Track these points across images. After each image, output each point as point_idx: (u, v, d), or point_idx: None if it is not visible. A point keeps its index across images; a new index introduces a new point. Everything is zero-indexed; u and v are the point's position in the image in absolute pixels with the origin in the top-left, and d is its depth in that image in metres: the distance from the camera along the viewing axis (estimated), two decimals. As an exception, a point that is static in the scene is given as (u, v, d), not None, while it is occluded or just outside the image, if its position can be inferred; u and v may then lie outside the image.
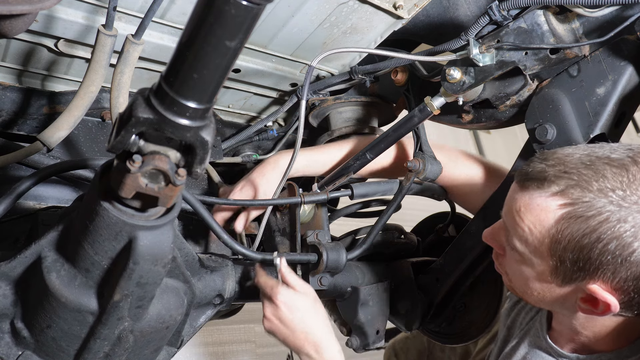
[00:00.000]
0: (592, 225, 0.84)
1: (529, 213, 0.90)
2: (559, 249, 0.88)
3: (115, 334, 0.82)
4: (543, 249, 0.90)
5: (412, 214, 1.93)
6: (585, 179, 0.85)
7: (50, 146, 1.15)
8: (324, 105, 1.58)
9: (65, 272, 0.79)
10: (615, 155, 0.87)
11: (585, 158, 0.88)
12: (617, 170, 0.85)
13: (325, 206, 1.41)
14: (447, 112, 1.40)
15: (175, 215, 0.76)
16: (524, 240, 0.93)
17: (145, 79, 1.43)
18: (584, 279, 0.88)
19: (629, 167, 0.85)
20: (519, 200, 0.93)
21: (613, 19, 1.05)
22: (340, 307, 1.45)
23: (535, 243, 0.91)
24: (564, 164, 0.89)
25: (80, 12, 1.15)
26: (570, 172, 0.87)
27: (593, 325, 0.99)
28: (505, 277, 1.05)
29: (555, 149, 0.95)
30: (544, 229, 0.89)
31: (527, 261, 0.95)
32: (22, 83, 1.36)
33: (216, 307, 1.17)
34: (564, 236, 0.86)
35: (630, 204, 0.83)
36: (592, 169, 0.86)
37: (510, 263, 1.00)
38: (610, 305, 0.87)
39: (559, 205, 0.87)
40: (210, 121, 0.61)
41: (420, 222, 1.78)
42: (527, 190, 0.91)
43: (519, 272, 0.98)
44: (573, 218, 0.85)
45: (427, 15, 1.37)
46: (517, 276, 0.99)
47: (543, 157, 0.93)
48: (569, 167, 0.88)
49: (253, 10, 0.51)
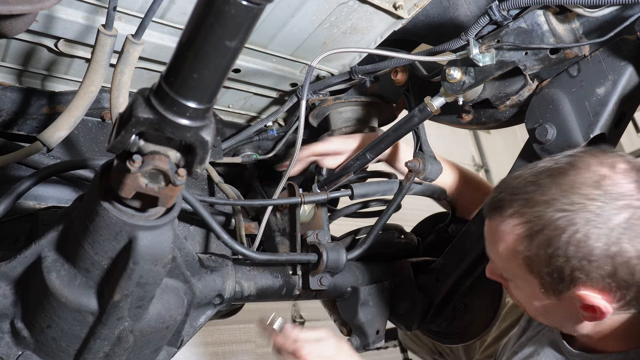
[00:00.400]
0: (547, 236, 0.88)
1: (498, 240, 0.95)
2: (533, 266, 0.91)
3: (115, 334, 0.82)
4: (521, 270, 0.94)
5: (412, 214, 1.93)
6: (531, 195, 0.91)
7: (50, 146, 1.15)
8: (324, 105, 1.58)
9: (65, 272, 0.79)
10: (557, 165, 0.92)
11: (531, 176, 0.94)
12: (559, 179, 0.90)
13: (325, 206, 1.41)
14: (447, 112, 1.40)
15: (175, 215, 0.75)
16: (506, 268, 0.97)
17: (145, 79, 1.43)
18: (569, 288, 0.90)
19: (568, 173, 0.89)
20: (488, 231, 0.99)
21: (613, 19, 1.05)
22: (340, 307, 1.45)
23: (513, 266, 0.95)
24: (512, 187, 0.95)
25: (80, 12, 1.15)
26: (518, 192, 0.93)
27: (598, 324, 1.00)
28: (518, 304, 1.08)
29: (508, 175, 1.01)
30: (514, 251, 0.93)
31: (518, 284, 0.98)
32: (22, 83, 1.36)
33: (216, 307, 1.17)
34: (532, 253, 0.90)
35: (575, 208, 0.86)
36: (535, 184, 0.91)
37: (514, 292, 1.03)
38: (601, 307, 0.89)
39: (516, 226, 0.92)
40: (210, 121, 0.61)
41: (420, 222, 1.78)
42: (491, 220, 0.98)
43: (523, 299, 1.01)
44: (531, 235, 0.90)
45: (427, 15, 1.37)
46: (523, 300, 1.02)
47: (498, 186, 0.99)
48: (517, 188, 0.94)
49: (253, 10, 0.51)
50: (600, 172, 0.89)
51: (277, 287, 1.27)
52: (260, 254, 1.20)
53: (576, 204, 0.86)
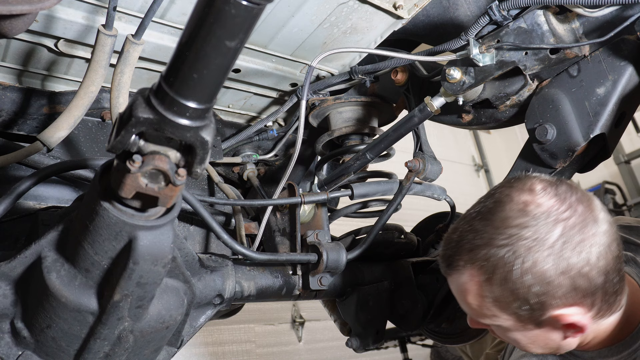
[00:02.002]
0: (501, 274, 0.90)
1: (464, 293, 0.98)
2: (503, 304, 0.93)
3: (115, 334, 0.82)
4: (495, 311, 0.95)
5: (412, 214, 1.93)
6: (472, 242, 0.94)
7: (50, 146, 1.15)
8: (324, 105, 1.58)
9: (65, 272, 0.79)
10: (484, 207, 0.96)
11: (465, 225, 0.97)
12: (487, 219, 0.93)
13: (325, 206, 1.41)
14: (447, 112, 1.40)
15: (175, 215, 0.75)
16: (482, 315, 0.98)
17: (145, 79, 1.43)
18: (544, 313, 0.92)
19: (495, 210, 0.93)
20: (452, 288, 1.02)
21: (613, 19, 1.05)
22: (340, 307, 1.45)
23: (486, 311, 0.97)
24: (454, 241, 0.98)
25: (80, 12, 1.15)
26: (461, 244, 0.96)
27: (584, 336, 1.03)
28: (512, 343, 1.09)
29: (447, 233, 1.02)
30: (481, 297, 0.95)
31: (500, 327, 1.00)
32: (22, 83, 1.36)
33: (216, 307, 1.17)
34: (496, 294, 0.92)
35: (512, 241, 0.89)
36: (472, 231, 0.95)
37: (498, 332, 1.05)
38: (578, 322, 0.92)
39: (472, 274, 0.94)
40: (210, 121, 0.61)
41: (420, 222, 1.78)
42: (450, 277, 1.00)
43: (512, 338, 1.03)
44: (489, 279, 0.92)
45: (427, 15, 1.37)
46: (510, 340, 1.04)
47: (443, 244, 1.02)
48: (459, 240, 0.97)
49: (253, 10, 0.51)
50: (521, 199, 0.92)
51: (277, 287, 1.27)
52: (260, 254, 1.20)
53: (513, 236, 0.89)
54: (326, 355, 3.44)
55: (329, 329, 3.41)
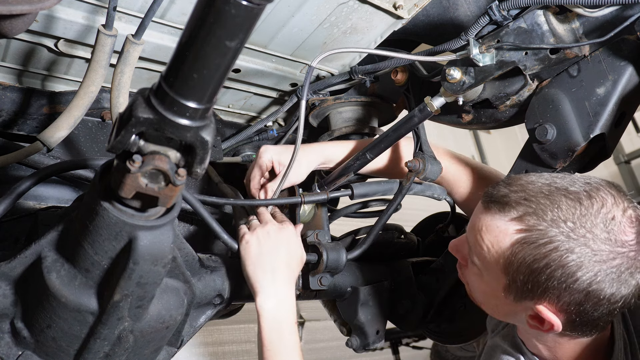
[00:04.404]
0: (542, 252, 0.90)
1: (489, 233, 0.96)
2: (512, 270, 0.93)
3: (115, 334, 0.82)
4: (498, 268, 0.96)
5: (412, 214, 1.93)
6: (542, 207, 0.92)
7: (50, 146, 1.15)
8: (324, 105, 1.58)
9: (65, 272, 0.79)
10: (574, 187, 0.94)
11: (546, 188, 0.94)
12: (572, 203, 0.91)
13: (325, 206, 1.41)
14: (447, 112, 1.40)
15: (175, 215, 0.76)
16: (482, 257, 0.98)
17: (145, 79, 1.43)
18: (532, 299, 0.94)
19: (582, 201, 0.91)
20: (481, 220, 0.99)
21: (613, 19, 1.05)
22: (340, 307, 1.45)
23: (491, 261, 0.96)
24: (525, 191, 0.95)
25: (80, 12, 1.15)
26: (530, 199, 0.93)
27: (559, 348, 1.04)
28: (467, 286, 1.11)
29: (521, 175, 1.01)
30: (500, 250, 0.94)
31: (483, 276, 1.01)
32: (22, 83, 1.36)
33: (216, 307, 1.17)
34: (517, 259, 0.92)
35: (578, 237, 0.89)
36: (549, 198, 0.92)
37: (470, 275, 1.06)
38: (554, 325, 0.93)
39: (515, 230, 0.93)
40: (210, 121, 0.61)
41: (420, 222, 1.78)
42: (490, 211, 0.97)
43: (477, 285, 1.04)
44: (526, 243, 0.91)
45: (427, 15, 1.37)
46: (476, 288, 1.06)
47: (508, 181, 0.99)
48: (529, 194, 0.94)
49: (253, 11, 0.51)
50: (612, 212, 0.90)
51: (277, 287, 1.27)
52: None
53: (581, 236, 0.89)
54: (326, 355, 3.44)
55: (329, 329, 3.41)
